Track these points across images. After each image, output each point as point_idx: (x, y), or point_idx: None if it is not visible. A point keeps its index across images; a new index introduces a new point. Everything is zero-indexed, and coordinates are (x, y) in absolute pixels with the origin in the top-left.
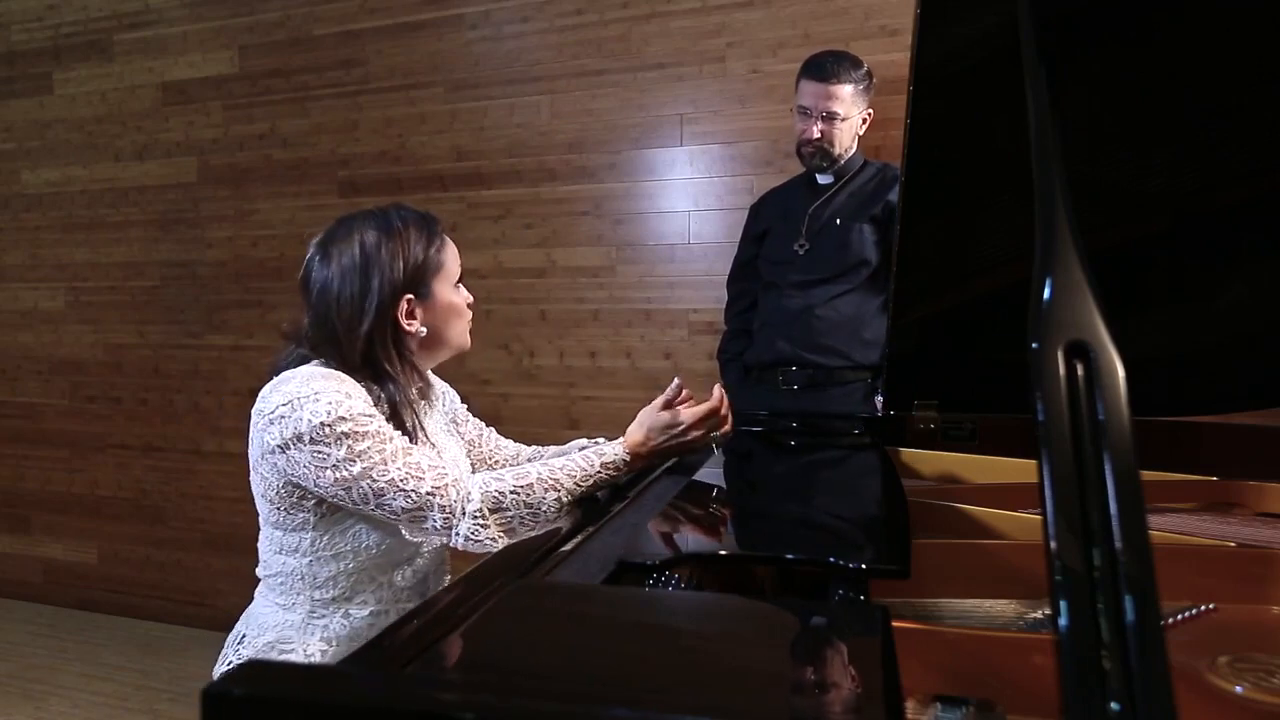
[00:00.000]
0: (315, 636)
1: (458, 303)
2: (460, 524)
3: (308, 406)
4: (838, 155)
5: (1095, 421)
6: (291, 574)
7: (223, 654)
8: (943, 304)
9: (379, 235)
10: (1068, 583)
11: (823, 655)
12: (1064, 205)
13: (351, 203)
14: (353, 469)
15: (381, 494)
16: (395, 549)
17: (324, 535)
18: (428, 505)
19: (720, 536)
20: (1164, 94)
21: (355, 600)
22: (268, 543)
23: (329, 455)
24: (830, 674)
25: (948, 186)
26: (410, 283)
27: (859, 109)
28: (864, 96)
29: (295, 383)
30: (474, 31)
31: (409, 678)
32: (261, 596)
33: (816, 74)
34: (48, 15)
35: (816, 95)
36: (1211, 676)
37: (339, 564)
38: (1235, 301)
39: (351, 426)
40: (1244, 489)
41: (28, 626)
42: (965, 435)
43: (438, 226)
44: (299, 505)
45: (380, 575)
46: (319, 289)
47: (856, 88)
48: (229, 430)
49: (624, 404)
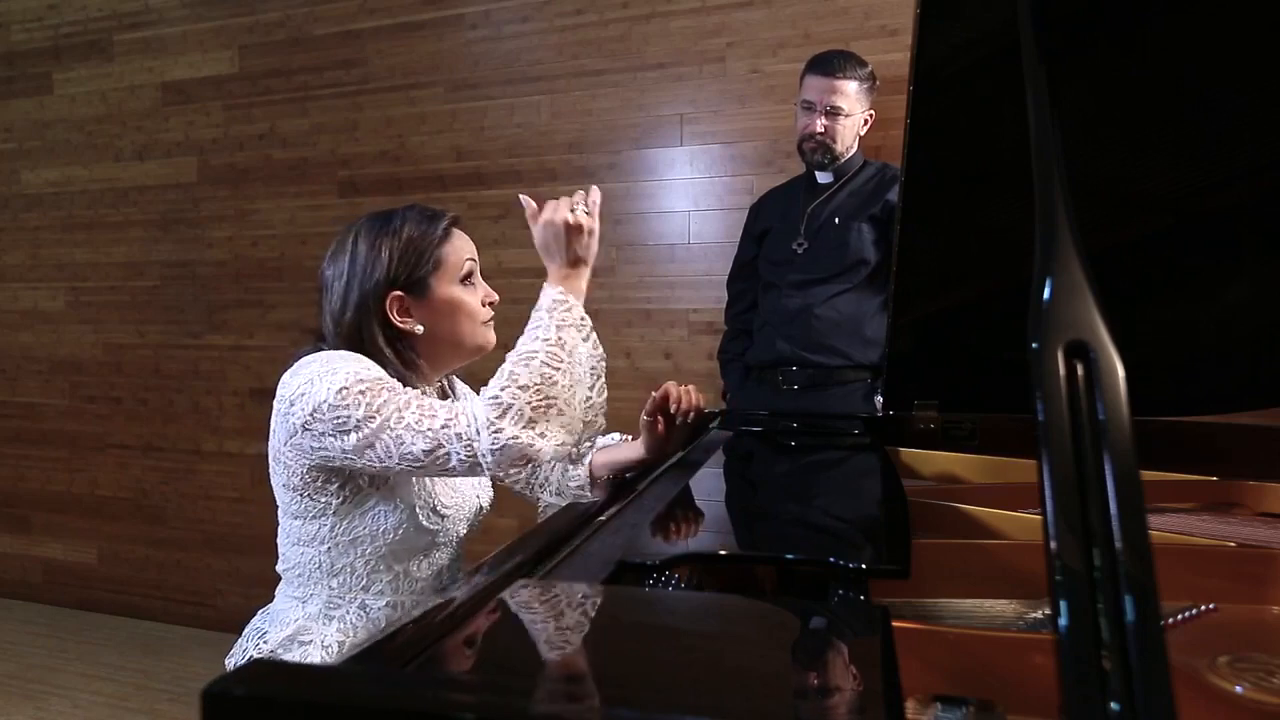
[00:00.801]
0: (333, 627)
1: (463, 300)
2: (480, 442)
3: (325, 380)
4: (840, 152)
5: (1095, 421)
6: (309, 564)
7: (241, 647)
8: (943, 304)
9: (373, 232)
10: (1068, 583)
11: (823, 655)
12: (1064, 205)
13: (351, 203)
14: (372, 425)
15: (401, 442)
16: (412, 536)
17: (343, 520)
18: (445, 439)
19: (720, 536)
20: (1164, 94)
21: (372, 590)
22: (286, 535)
23: (349, 418)
24: (830, 674)
25: (948, 186)
26: (397, 279)
27: (862, 107)
28: (867, 96)
29: (316, 364)
30: (474, 31)
31: (409, 678)
32: (280, 593)
33: (823, 69)
34: (48, 15)
35: (822, 89)
36: (1211, 676)
37: (357, 550)
38: (1235, 301)
39: (366, 385)
40: (1244, 489)
41: (28, 626)
42: (965, 435)
43: (442, 222)
44: (321, 490)
45: (397, 564)
46: (321, 284)
47: (861, 85)
48: (229, 430)
49: (624, 404)
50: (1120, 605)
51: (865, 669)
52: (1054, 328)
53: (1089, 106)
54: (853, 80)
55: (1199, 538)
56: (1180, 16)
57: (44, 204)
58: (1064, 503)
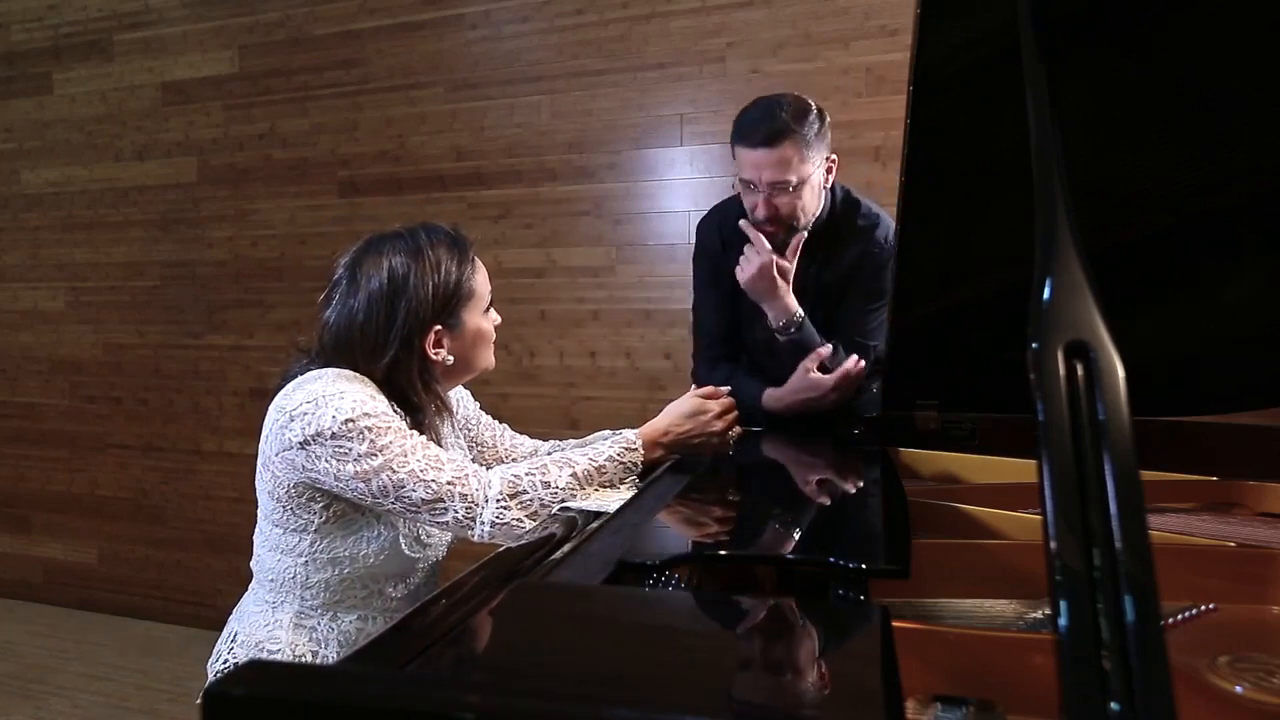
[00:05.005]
0: (304, 638)
1: (487, 330)
2: (484, 511)
3: (332, 404)
4: (806, 223)
5: (1095, 421)
6: (284, 572)
7: (216, 651)
8: (943, 304)
9: (409, 262)
10: (1068, 583)
11: (823, 656)
12: (1064, 205)
13: (351, 203)
14: (373, 461)
15: (401, 485)
16: (392, 563)
17: (324, 539)
18: (448, 495)
19: (720, 536)
20: (1164, 93)
21: (344, 605)
22: (264, 539)
23: (350, 450)
24: (830, 674)
25: (948, 186)
26: (439, 313)
27: (817, 162)
28: (820, 143)
29: (321, 382)
30: (474, 31)
31: (409, 678)
32: (253, 592)
33: (753, 139)
34: (48, 15)
35: (757, 165)
36: (1211, 676)
37: (334, 569)
38: (1235, 301)
39: (374, 422)
40: (1244, 489)
41: (28, 626)
42: (965, 435)
43: (469, 250)
44: (306, 507)
45: (373, 584)
46: (345, 314)
47: (806, 138)
48: (229, 430)
49: (624, 404)
50: (1120, 605)
51: (865, 669)
52: (1054, 328)
53: (1089, 106)
54: (791, 140)
55: (1199, 538)
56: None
57: (44, 204)
58: (1064, 503)
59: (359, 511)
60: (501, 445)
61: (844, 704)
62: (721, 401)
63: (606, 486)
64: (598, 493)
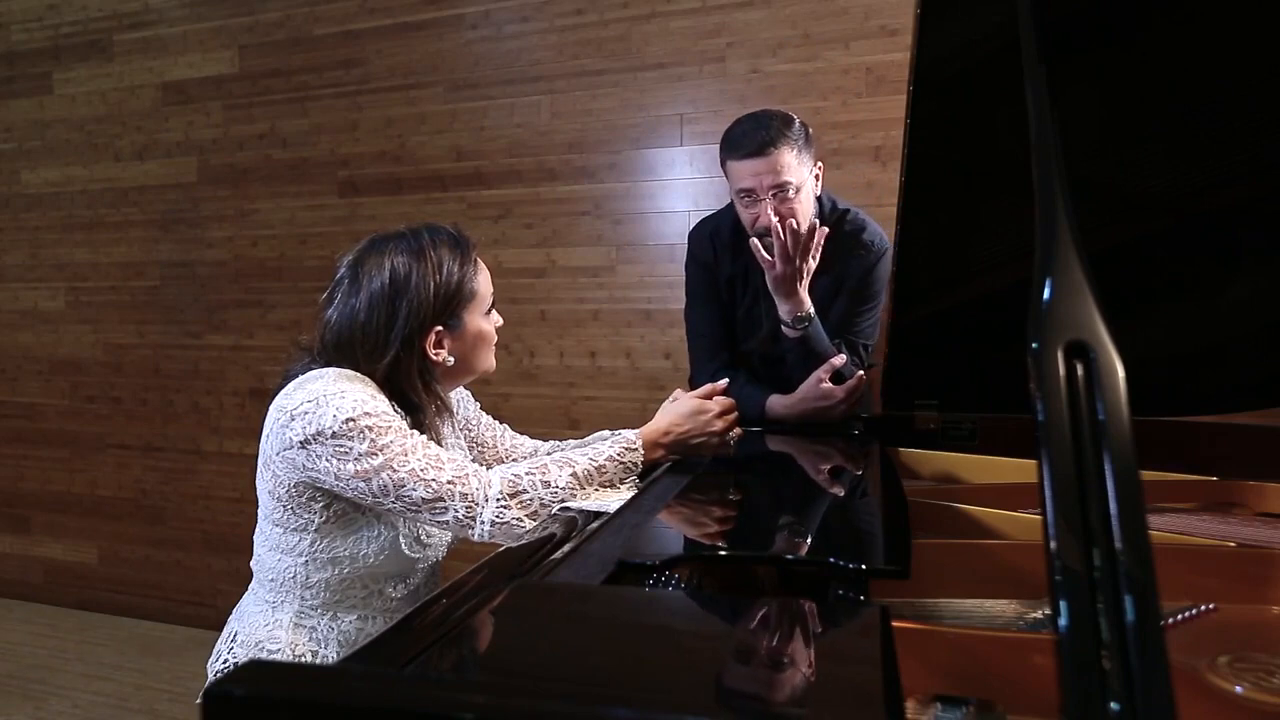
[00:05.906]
0: (304, 638)
1: (488, 331)
2: (484, 510)
3: (333, 403)
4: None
5: (1095, 421)
6: (284, 572)
7: (216, 651)
8: (942, 304)
9: (411, 262)
10: (1068, 583)
11: (822, 655)
12: (1064, 205)
13: (351, 203)
14: (374, 461)
15: (402, 484)
16: (392, 561)
17: (324, 539)
18: (448, 494)
19: (720, 536)
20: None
21: (344, 605)
22: (264, 539)
23: (351, 449)
24: (830, 674)
25: (947, 186)
26: (440, 314)
27: (810, 168)
28: (808, 151)
29: (322, 382)
30: (474, 31)
31: (409, 678)
32: (253, 592)
33: (748, 149)
34: (48, 15)
35: (757, 173)
36: (1211, 676)
37: (334, 568)
38: (1235, 301)
39: (375, 422)
40: (1244, 489)
41: (28, 626)
42: (965, 435)
43: (471, 252)
44: (306, 506)
45: (373, 584)
46: (346, 313)
47: (797, 143)
48: (229, 430)
49: (624, 404)
50: (1120, 605)
51: (865, 669)
52: (1054, 328)
53: (1089, 106)
54: (786, 145)
55: (1199, 538)
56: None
57: (44, 204)
58: (1064, 503)
59: (359, 511)
60: (501, 445)
61: (844, 704)
62: (721, 401)
63: (606, 486)
64: (598, 493)
